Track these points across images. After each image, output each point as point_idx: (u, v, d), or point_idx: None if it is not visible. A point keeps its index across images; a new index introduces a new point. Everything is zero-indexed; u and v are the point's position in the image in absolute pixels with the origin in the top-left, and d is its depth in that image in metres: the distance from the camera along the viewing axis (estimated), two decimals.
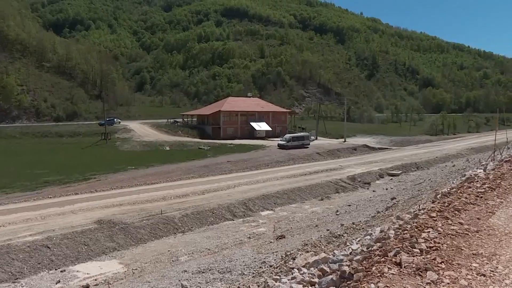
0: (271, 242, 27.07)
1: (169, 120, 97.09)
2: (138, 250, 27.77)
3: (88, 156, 60.68)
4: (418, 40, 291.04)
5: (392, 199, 35.41)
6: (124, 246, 28.06)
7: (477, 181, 14.15)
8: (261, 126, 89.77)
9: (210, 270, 21.38)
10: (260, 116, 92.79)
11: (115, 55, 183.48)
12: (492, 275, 6.33)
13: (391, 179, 54.89)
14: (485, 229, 8.56)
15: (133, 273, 23.27)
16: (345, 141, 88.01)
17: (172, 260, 25.03)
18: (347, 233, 21.64)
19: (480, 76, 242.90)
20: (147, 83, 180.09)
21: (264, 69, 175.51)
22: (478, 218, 9.39)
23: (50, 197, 36.83)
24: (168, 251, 26.96)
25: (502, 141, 32.37)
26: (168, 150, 67.09)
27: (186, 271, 21.77)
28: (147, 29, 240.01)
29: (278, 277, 12.18)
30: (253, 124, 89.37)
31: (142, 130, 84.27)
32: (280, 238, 27.51)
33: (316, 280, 8.22)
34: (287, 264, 17.40)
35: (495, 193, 12.26)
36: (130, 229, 29.72)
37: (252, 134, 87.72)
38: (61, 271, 23.75)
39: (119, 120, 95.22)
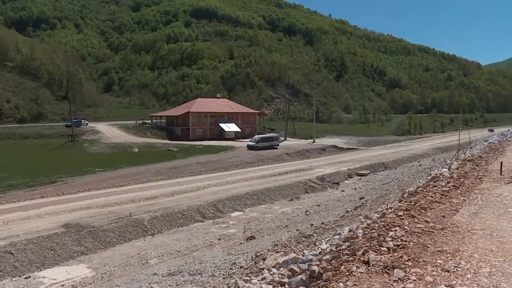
0: (241, 243, 27.06)
1: (137, 122, 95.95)
2: (107, 253, 27.33)
3: (54, 159, 59.35)
4: (385, 42, 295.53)
5: (360, 198, 35.84)
6: (92, 250, 27.56)
7: (442, 180, 14.49)
8: (230, 127, 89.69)
9: (180, 272, 21.24)
10: (229, 117, 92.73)
11: (82, 55, 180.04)
12: (455, 270, 6.52)
13: (360, 179, 55.58)
14: (449, 227, 8.79)
15: (102, 277, 22.91)
16: (314, 141, 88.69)
17: (142, 263, 24.74)
18: (316, 233, 21.80)
19: (444, 78, 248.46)
20: (115, 84, 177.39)
21: (233, 70, 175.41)
22: (443, 216, 9.63)
23: (14, 201, 35.79)
24: (138, 254, 26.63)
25: (465, 141, 33.18)
26: (137, 151, 66.33)
27: (156, 274, 21.56)
28: (115, 29, 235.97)
29: (248, 278, 12.20)
30: (222, 125, 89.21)
31: (110, 132, 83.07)
32: (250, 239, 27.52)
33: (286, 280, 8.27)
34: (257, 264, 17.43)
35: (459, 191, 12.58)
36: (98, 233, 29.23)
37: (221, 135, 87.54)
38: (25, 278, 23.01)
39: (87, 122, 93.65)
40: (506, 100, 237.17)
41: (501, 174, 15.57)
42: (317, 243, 14.53)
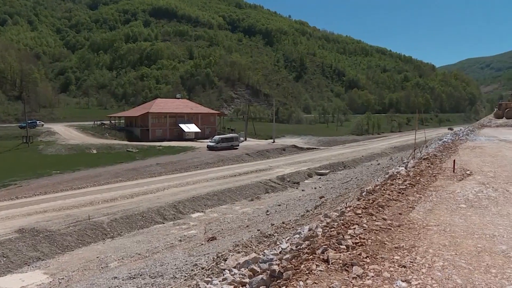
0: (202, 244, 27.00)
1: (96, 123, 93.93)
2: (65, 258, 26.71)
3: (7, 161, 57.22)
4: (344, 43, 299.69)
5: (320, 197, 36.29)
6: (49, 255, 26.85)
7: (399, 178, 14.83)
8: (190, 128, 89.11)
9: (141, 275, 21.03)
10: (189, 118, 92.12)
11: (36, 53, 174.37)
12: (411, 265, 6.71)
13: (320, 178, 56.25)
14: (406, 224, 9.02)
15: (60, 283, 22.36)
16: (274, 141, 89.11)
17: (102, 267, 24.31)
18: (277, 233, 21.97)
19: (401, 79, 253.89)
20: (72, 84, 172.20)
21: (193, 70, 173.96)
22: (400, 213, 9.87)
23: None
24: (97, 257, 26.15)
25: (421, 140, 34.05)
26: (95, 153, 64.94)
27: (116, 277, 21.25)
28: (71, 27, 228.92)
29: (209, 279, 12.19)
30: (182, 125, 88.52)
31: (67, 133, 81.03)
32: (211, 240, 27.50)
33: (247, 280, 8.29)
34: (218, 265, 17.44)
35: (415, 189, 12.92)
36: (55, 237, 28.51)
37: (181, 135, 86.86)
38: None
39: (42, 123, 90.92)
40: (458, 101, 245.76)
41: (454, 171, 16.07)
42: (278, 243, 14.65)
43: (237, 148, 74.85)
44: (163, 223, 34.79)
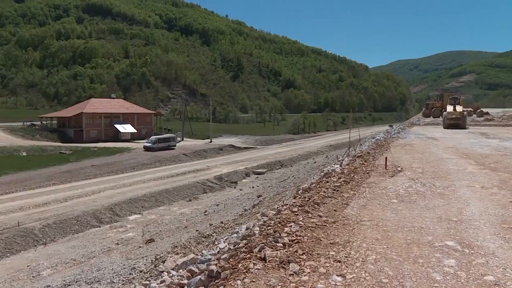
0: (140, 246, 26.55)
1: (25, 123, 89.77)
2: None
3: None
4: (280, 44, 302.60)
5: (258, 196, 36.62)
6: None
7: (334, 176, 15.16)
8: (126, 128, 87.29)
9: (76, 282, 20.37)
10: (125, 118, 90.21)
11: None
12: (346, 260, 6.90)
13: (257, 177, 56.68)
14: (340, 220, 9.25)
15: None
16: (211, 141, 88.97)
17: (33, 276, 23.13)
18: (216, 233, 21.96)
19: (336, 79, 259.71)
20: None
21: (128, 69, 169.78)
22: (335, 210, 10.11)
23: None
24: (28, 266, 24.85)
25: (355, 138, 35.04)
26: (25, 156, 62.01)
27: (49, 286, 20.44)
28: None
29: (147, 282, 12.01)
30: (117, 126, 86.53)
31: None
32: (149, 242, 27.12)
33: (185, 281, 8.24)
34: (157, 268, 17.24)
35: (349, 186, 13.27)
36: None
37: (117, 136, 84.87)
38: None
39: None
40: (390, 100, 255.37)
41: (386, 168, 16.65)
42: (216, 243, 14.64)
43: (174, 149, 74.12)
44: (99, 227, 33.81)
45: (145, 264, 19.97)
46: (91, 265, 23.17)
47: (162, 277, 11.27)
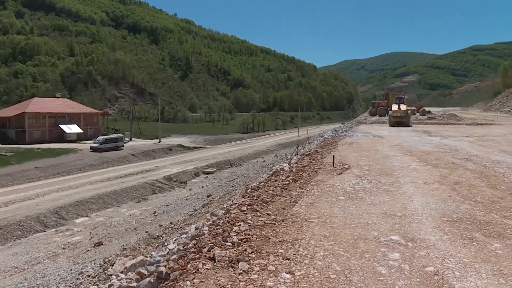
0: (88, 250, 25.95)
1: None
2: None
3: None
4: (229, 43, 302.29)
5: (208, 196, 36.52)
6: None
7: (283, 174, 15.28)
8: (72, 129, 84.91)
9: None
10: (71, 118, 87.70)
11: None
12: (295, 257, 6.97)
13: (207, 177, 56.57)
14: (289, 218, 9.34)
15: None
16: (160, 141, 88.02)
17: None
18: (165, 233, 21.74)
19: (284, 78, 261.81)
20: None
21: (74, 68, 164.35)
22: (283, 208, 10.19)
23: None
24: None
25: (304, 137, 35.54)
26: None
27: None
28: None
29: (95, 287, 11.76)
30: (63, 126, 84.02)
31: None
32: (97, 245, 26.58)
33: (134, 284, 8.11)
34: (105, 271, 16.89)
35: (297, 184, 13.41)
36: None
37: (63, 137, 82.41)
38: None
39: None
40: (338, 99, 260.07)
41: (333, 166, 16.93)
42: (166, 244, 14.49)
43: (122, 149, 72.85)
44: (44, 231, 32.74)
45: (93, 268, 19.53)
46: (35, 272, 22.40)
47: (110, 280, 11.04)
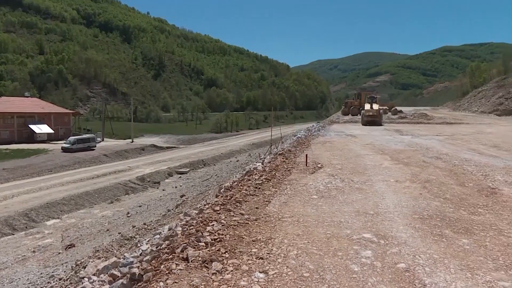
0: (59, 253, 25.51)
1: None
2: None
3: None
4: (202, 42, 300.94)
5: (181, 196, 36.26)
6: None
7: (256, 174, 15.31)
8: (42, 129, 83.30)
9: None
10: (41, 118, 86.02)
11: None
12: (268, 257, 7.00)
13: (180, 177, 56.22)
14: (262, 217, 9.37)
15: None
16: (132, 141, 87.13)
17: None
18: (139, 234, 21.51)
19: (258, 78, 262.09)
20: None
21: (43, 66, 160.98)
22: (256, 208, 10.21)
23: None
24: None
25: (277, 137, 35.61)
26: None
27: None
28: None
29: None
30: (32, 126, 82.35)
31: None
32: (69, 248, 26.16)
33: (107, 286, 8.01)
34: (77, 274, 16.62)
35: (271, 183, 13.45)
36: None
37: (32, 137, 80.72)
38: None
39: None
40: (311, 99, 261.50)
41: (306, 165, 17.04)
42: (139, 245, 14.35)
43: (94, 149, 71.86)
44: (13, 234, 31.98)
45: (64, 271, 19.17)
46: (2, 277, 21.87)
47: (82, 283, 10.88)
